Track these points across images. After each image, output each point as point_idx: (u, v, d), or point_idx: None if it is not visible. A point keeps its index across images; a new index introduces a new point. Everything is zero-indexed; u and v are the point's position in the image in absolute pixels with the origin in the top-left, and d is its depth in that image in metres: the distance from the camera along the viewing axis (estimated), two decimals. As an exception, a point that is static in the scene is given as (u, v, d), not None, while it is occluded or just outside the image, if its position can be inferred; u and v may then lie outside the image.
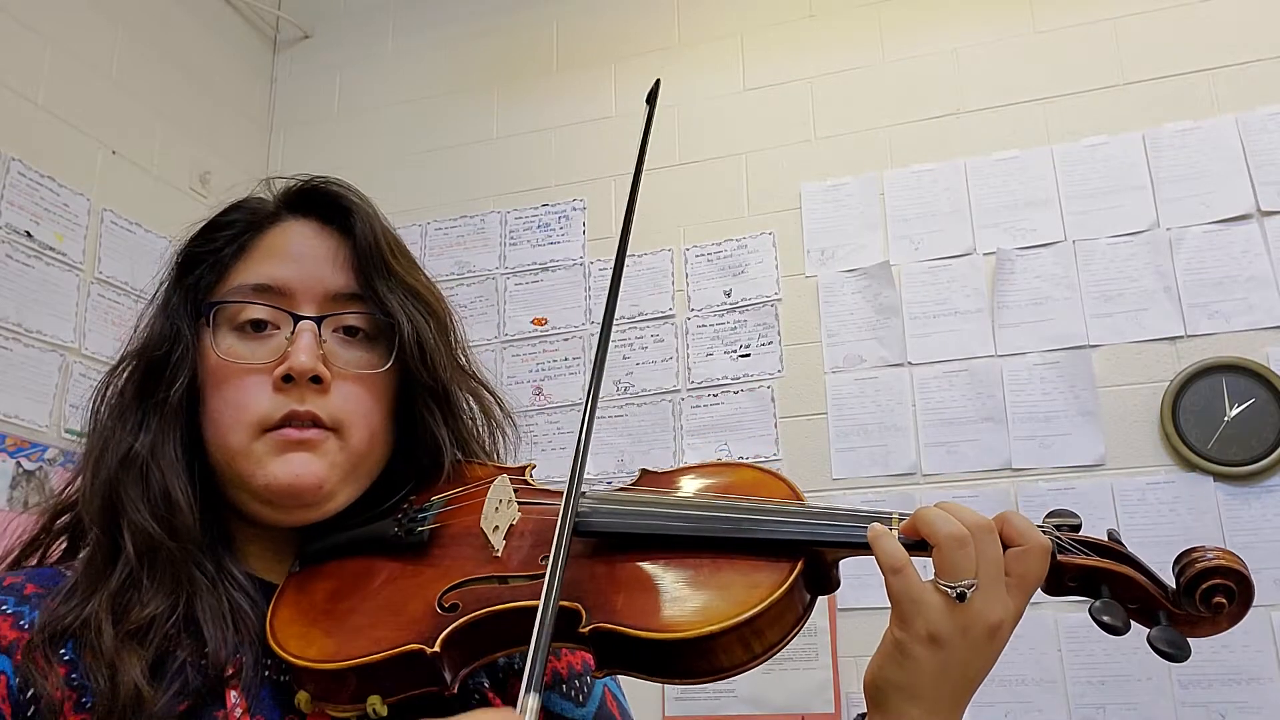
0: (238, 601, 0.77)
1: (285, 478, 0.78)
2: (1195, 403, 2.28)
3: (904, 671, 0.71)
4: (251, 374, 0.79)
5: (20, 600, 0.76)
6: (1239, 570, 0.71)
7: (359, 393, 0.82)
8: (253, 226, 0.86)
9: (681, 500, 0.81)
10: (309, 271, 0.83)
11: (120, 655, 0.71)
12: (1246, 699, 2.10)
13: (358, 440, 0.81)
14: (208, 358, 0.81)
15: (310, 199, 0.88)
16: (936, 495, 2.40)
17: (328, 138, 3.24)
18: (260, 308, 0.81)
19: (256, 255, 0.85)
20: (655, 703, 2.42)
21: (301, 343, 0.79)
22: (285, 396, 0.79)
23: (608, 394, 2.73)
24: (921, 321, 2.53)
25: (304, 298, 0.82)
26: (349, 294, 0.83)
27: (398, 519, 0.82)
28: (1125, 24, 2.56)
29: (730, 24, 2.92)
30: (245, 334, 0.81)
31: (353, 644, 0.73)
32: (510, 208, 2.98)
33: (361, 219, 0.85)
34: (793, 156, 2.76)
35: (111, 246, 2.60)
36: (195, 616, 0.74)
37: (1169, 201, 2.42)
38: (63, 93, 2.54)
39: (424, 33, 3.24)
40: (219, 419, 0.80)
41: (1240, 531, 2.19)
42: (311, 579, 0.81)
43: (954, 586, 0.69)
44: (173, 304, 0.84)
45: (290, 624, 0.76)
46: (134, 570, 0.76)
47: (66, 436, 2.39)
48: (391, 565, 0.80)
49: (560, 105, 3.02)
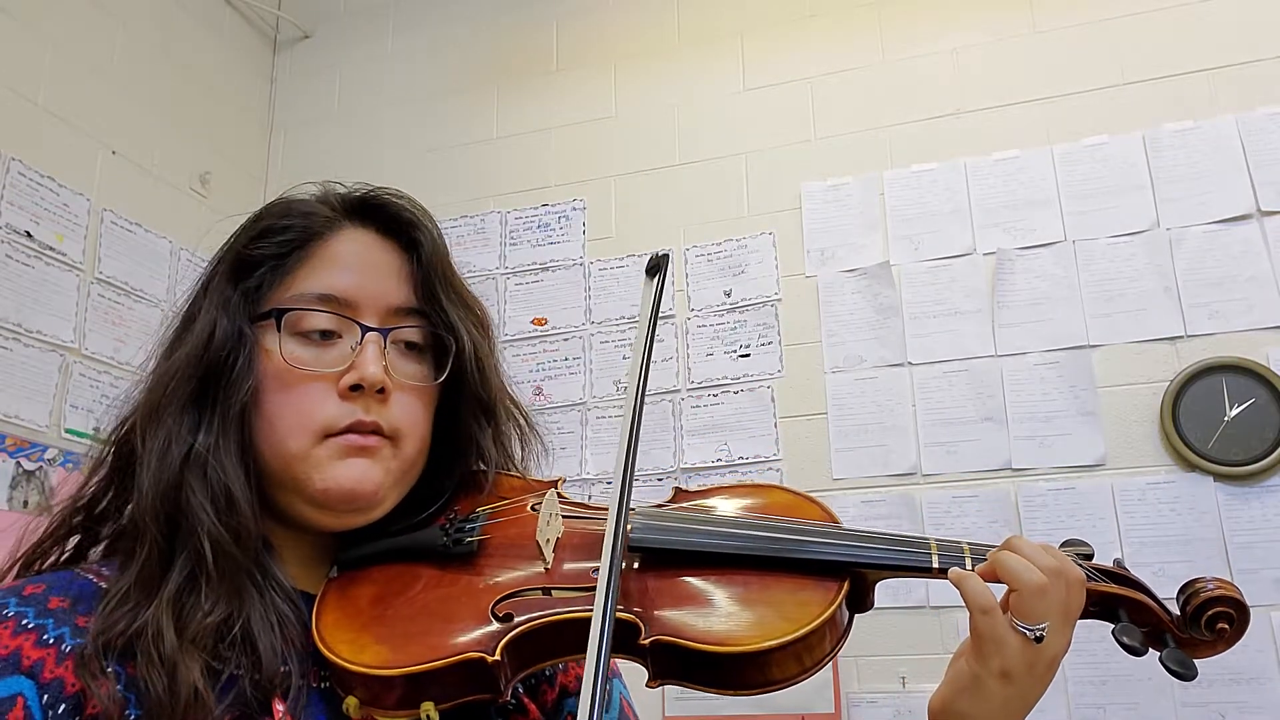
0: (283, 609, 0.77)
1: (347, 482, 0.79)
2: (1195, 403, 2.28)
3: (976, 703, 0.75)
4: (317, 380, 0.80)
5: (43, 613, 0.73)
6: (1238, 599, 0.78)
7: (415, 404, 0.84)
8: (312, 233, 0.86)
9: (728, 519, 0.84)
10: (373, 283, 0.84)
11: (182, 658, 0.70)
12: (1246, 699, 2.10)
13: (410, 450, 0.83)
14: (271, 361, 0.81)
15: (371, 209, 0.88)
16: (936, 495, 2.40)
17: (328, 138, 3.24)
18: (329, 316, 0.82)
19: (318, 262, 0.84)
20: (655, 704, 2.42)
21: (369, 354, 0.80)
22: (351, 405, 0.80)
23: (607, 394, 2.74)
24: (921, 321, 2.53)
25: (368, 309, 0.83)
26: (409, 308, 0.85)
27: (444, 529, 0.84)
28: (1125, 24, 2.56)
29: (730, 24, 2.92)
30: (310, 341, 0.82)
31: (408, 651, 0.74)
32: (510, 208, 2.98)
33: (425, 233, 0.87)
34: (793, 156, 2.76)
35: (111, 246, 2.60)
36: (249, 624, 0.74)
37: (1169, 201, 2.42)
38: (63, 93, 2.54)
39: (424, 33, 3.24)
40: (279, 422, 0.80)
41: (1240, 531, 2.19)
42: (353, 585, 0.81)
43: (1033, 630, 0.73)
44: (234, 305, 0.83)
45: (338, 629, 0.77)
46: (194, 572, 0.75)
47: (66, 436, 2.39)
48: (436, 573, 0.82)
49: (560, 105, 3.02)
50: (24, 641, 0.71)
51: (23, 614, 0.73)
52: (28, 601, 0.74)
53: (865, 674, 2.33)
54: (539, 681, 0.87)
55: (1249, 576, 2.15)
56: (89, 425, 2.46)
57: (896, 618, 2.31)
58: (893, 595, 2.34)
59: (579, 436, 2.70)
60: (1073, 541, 0.82)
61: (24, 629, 0.72)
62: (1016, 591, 0.73)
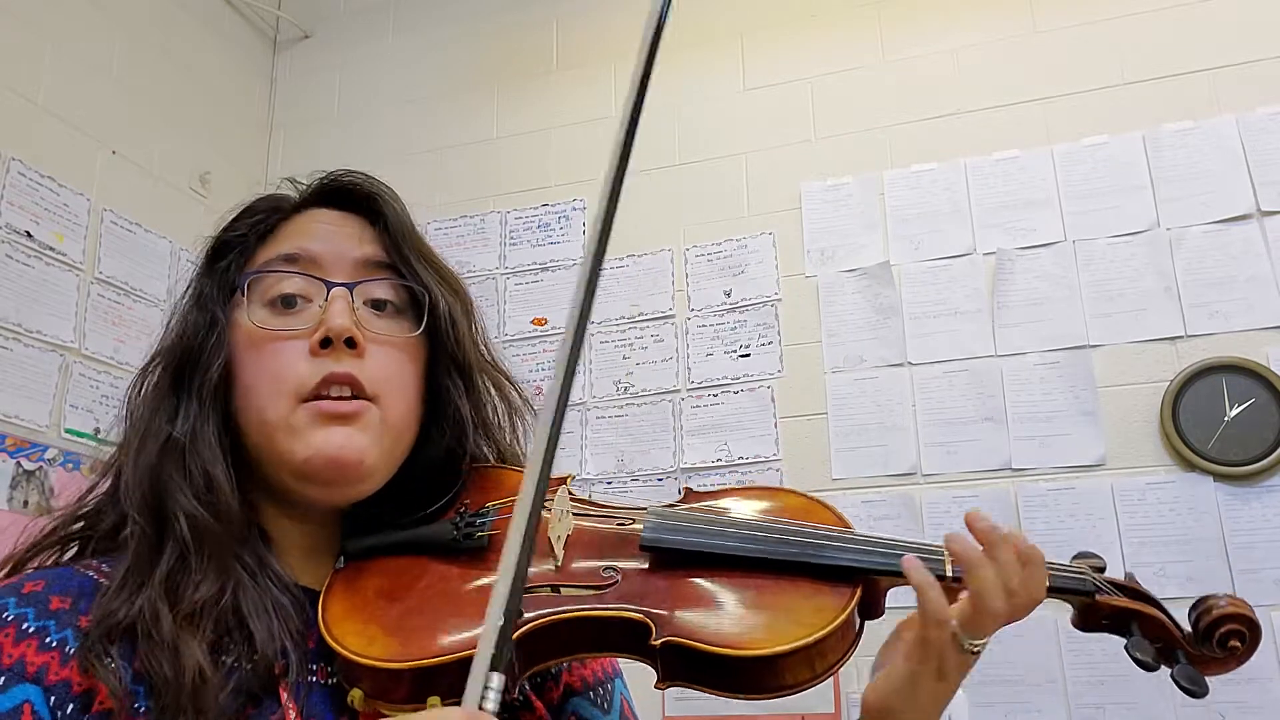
0: (279, 599, 0.76)
1: (330, 449, 0.77)
2: (1195, 403, 2.28)
3: (910, 698, 0.78)
4: (287, 341, 0.80)
5: (44, 614, 0.73)
6: (1251, 616, 0.78)
7: (394, 357, 0.82)
8: (278, 213, 0.88)
9: (742, 521, 0.84)
10: (338, 244, 0.84)
11: (181, 637, 0.70)
12: (1246, 699, 2.10)
13: (396, 413, 0.81)
14: (241, 331, 0.81)
15: (332, 190, 0.90)
16: (936, 495, 2.40)
17: (328, 138, 3.24)
18: (294, 279, 0.81)
19: (284, 236, 0.86)
20: (656, 705, 2.42)
21: (336, 307, 0.80)
22: (323, 360, 0.78)
23: (607, 394, 2.73)
24: (921, 321, 2.53)
25: (334, 267, 0.83)
26: (379, 262, 0.85)
27: (455, 522, 0.83)
28: (1125, 24, 2.56)
29: (730, 24, 2.92)
30: (277, 309, 0.81)
31: (416, 645, 0.73)
32: (510, 208, 2.98)
33: (388, 204, 0.87)
34: (793, 156, 2.76)
35: (111, 246, 2.60)
36: (241, 608, 0.74)
37: (1169, 201, 2.42)
38: (63, 93, 2.54)
39: (424, 33, 3.24)
40: (256, 391, 0.79)
41: (1240, 531, 2.19)
42: (361, 576, 0.81)
43: (976, 645, 0.77)
44: (205, 292, 0.84)
45: (345, 620, 0.76)
46: (182, 553, 0.75)
47: (66, 436, 2.39)
48: (446, 567, 0.81)
49: (560, 105, 3.02)
50: (26, 649, 0.71)
51: (23, 616, 0.72)
52: (28, 601, 0.73)
53: (865, 674, 2.33)
54: (545, 679, 0.88)
55: (1249, 576, 2.15)
56: (89, 425, 2.46)
57: (897, 618, 2.31)
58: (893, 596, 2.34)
59: (579, 436, 2.70)
60: (1086, 554, 0.83)
61: (26, 635, 0.71)
62: (976, 611, 0.76)
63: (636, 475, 2.64)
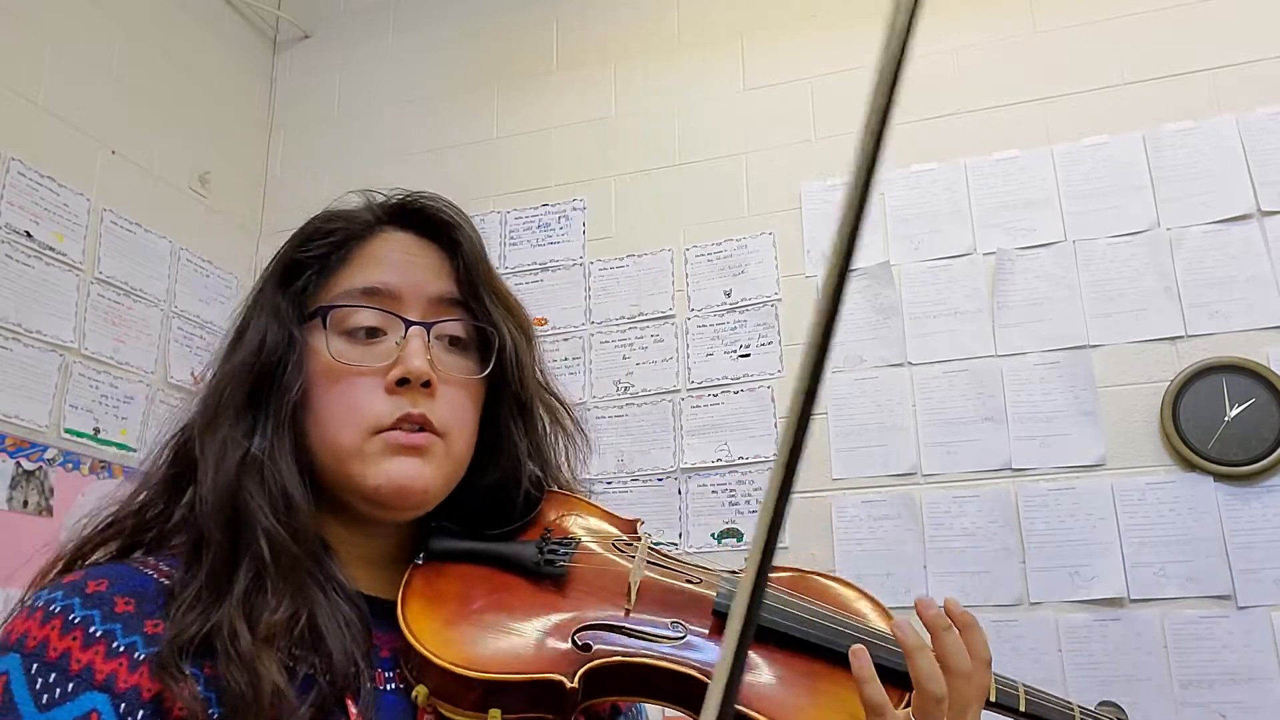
0: (347, 611, 0.78)
1: (399, 479, 0.81)
2: (1195, 403, 2.28)
3: None
4: (364, 376, 0.82)
5: (109, 616, 0.72)
6: None
7: (461, 398, 0.85)
8: (353, 235, 0.89)
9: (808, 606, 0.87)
10: (415, 277, 0.86)
11: (259, 657, 0.71)
12: (1246, 699, 2.10)
13: (459, 447, 0.85)
14: (319, 360, 0.84)
15: (409, 212, 0.91)
16: (936, 495, 2.40)
17: (328, 138, 3.24)
18: (372, 313, 0.84)
19: (361, 262, 0.87)
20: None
21: (413, 347, 0.82)
22: (398, 399, 0.81)
23: (607, 394, 2.74)
24: (921, 321, 2.53)
25: (411, 303, 0.85)
26: (452, 300, 0.87)
27: (539, 546, 0.86)
28: (1125, 24, 2.56)
29: (730, 24, 2.92)
30: (355, 339, 0.84)
31: (490, 657, 0.76)
32: (510, 208, 2.98)
33: (464, 233, 0.90)
34: (793, 156, 2.76)
35: (111, 246, 2.60)
36: (317, 627, 0.75)
37: (1169, 201, 2.42)
38: (63, 93, 2.54)
39: (424, 33, 3.24)
40: (330, 420, 0.82)
41: (1240, 531, 2.19)
42: (439, 577, 0.83)
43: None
44: (282, 310, 0.86)
45: (424, 617, 0.79)
46: (259, 572, 0.76)
47: (66, 436, 2.39)
48: (523, 587, 0.84)
49: (560, 105, 3.02)
50: (94, 656, 0.70)
51: (89, 619, 0.72)
52: (92, 602, 0.73)
53: None
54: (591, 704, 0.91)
55: (1249, 576, 2.15)
56: (89, 425, 2.46)
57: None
58: (892, 595, 2.34)
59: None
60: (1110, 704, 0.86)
61: (93, 639, 0.71)
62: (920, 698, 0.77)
63: (636, 475, 2.64)
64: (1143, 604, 2.19)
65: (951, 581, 2.34)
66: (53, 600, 0.73)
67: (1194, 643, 2.15)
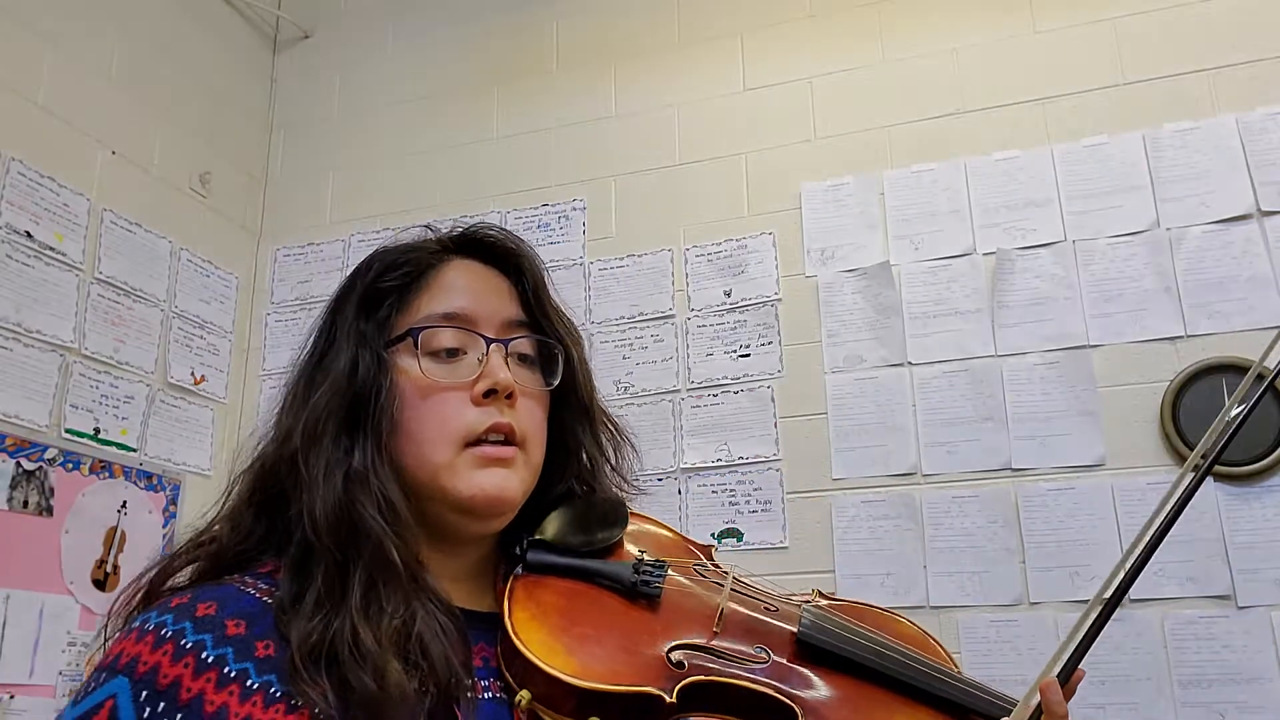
0: (445, 622, 0.81)
1: (491, 489, 0.86)
2: (1195, 403, 2.28)
3: None
4: (451, 391, 0.88)
5: (221, 640, 0.74)
6: None
7: (535, 408, 0.93)
8: (425, 265, 0.95)
9: (881, 639, 0.94)
10: (487, 302, 0.93)
11: (385, 659, 0.74)
12: (1246, 699, 2.10)
13: (536, 456, 0.92)
14: (409, 379, 0.89)
15: (474, 243, 0.99)
16: (936, 495, 2.40)
17: (328, 138, 3.24)
18: (454, 333, 0.91)
19: (437, 289, 0.94)
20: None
21: (496, 361, 0.89)
22: (486, 410, 0.88)
23: (607, 394, 2.73)
24: (921, 321, 2.53)
25: (486, 324, 0.92)
26: (520, 321, 0.95)
27: (636, 567, 0.92)
28: (1125, 24, 2.56)
29: (730, 24, 2.92)
30: (439, 359, 0.90)
31: (594, 668, 0.80)
32: (510, 208, 2.98)
33: (527, 260, 0.98)
34: (793, 156, 2.76)
35: (111, 246, 2.60)
36: (423, 635, 0.78)
37: (1169, 201, 2.42)
38: (63, 93, 2.54)
39: (424, 33, 3.24)
40: (422, 435, 0.87)
41: (1240, 531, 2.19)
42: (539, 589, 0.88)
43: None
44: (369, 336, 0.91)
45: (531, 625, 0.83)
46: (372, 579, 0.79)
47: (66, 436, 2.39)
48: (619, 604, 0.89)
49: (560, 105, 3.02)
50: (206, 685, 0.71)
51: (201, 644, 0.73)
52: (204, 626, 0.74)
53: None
54: None
55: (1249, 576, 2.15)
56: (89, 425, 2.46)
57: (896, 618, 2.31)
58: (892, 595, 2.34)
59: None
60: None
61: (205, 665, 0.72)
62: None
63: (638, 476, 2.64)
64: (1142, 604, 2.19)
65: (951, 581, 2.34)
66: (163, 624, 0.74)
67: (1194, 643, 2.15)
